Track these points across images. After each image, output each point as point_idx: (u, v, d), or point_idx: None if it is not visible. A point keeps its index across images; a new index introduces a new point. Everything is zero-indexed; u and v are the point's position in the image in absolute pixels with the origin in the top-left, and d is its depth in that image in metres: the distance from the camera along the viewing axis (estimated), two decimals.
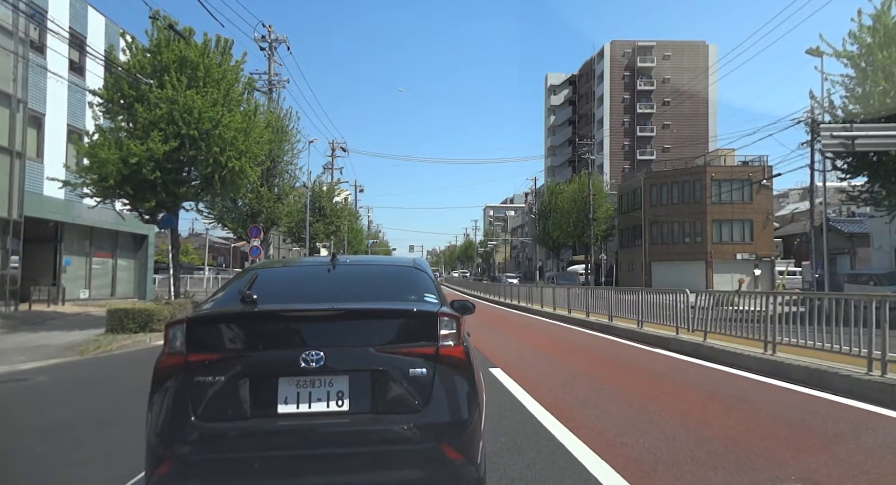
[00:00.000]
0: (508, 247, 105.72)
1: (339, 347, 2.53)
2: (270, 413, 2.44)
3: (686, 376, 7.60)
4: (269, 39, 25.35)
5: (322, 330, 2.61)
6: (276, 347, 2.58)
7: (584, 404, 5.90)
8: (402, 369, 2.51)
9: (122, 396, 6.90)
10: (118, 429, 5.18)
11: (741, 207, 43.59)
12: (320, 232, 36.95)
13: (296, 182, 24.49)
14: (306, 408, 2.45)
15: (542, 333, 14.30)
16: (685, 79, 67.41)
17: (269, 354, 2.56)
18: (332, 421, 2.44)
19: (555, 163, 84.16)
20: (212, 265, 67.19)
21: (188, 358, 2.54)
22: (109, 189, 14.14)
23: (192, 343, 2.57)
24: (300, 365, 2.46)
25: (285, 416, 2.44)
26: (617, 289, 15.62)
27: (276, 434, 2.41)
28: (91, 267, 21.67)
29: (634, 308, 12.60)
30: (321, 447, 2.42)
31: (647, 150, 71.03)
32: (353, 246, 63.88)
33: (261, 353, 2.57)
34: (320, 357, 2.46)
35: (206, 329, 2.68)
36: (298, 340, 2.55)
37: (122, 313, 13.19)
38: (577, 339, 12.57)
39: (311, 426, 2.43)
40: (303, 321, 2.65)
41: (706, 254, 43.63)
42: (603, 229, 50.77)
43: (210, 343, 2.60)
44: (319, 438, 2.43)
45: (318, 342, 2.52)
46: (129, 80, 14.63)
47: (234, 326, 2.66)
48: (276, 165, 23.44)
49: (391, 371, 2.51)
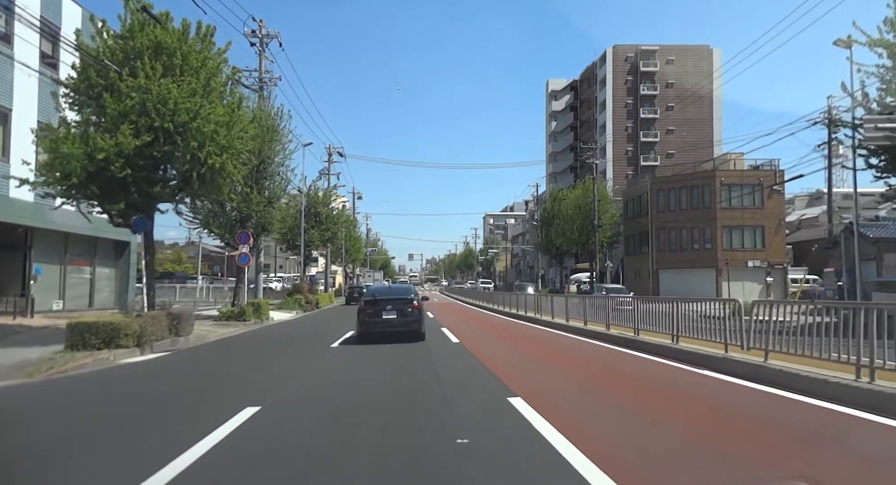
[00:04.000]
0: (509, 255, 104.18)
1: (393, 304, 13.72)
2: (380, 318, 13.55)
3: (780, 415, 5.96)
4: (259, 34, 23.95)
5: (389, 301, 13.84)
6: (380, 306, 13.71)
7: (670, 469, 4.35)
8: (406, 308, 13.66)
9: (61, 434, 5.40)
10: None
11: (752, 213, 42.15)
12: (316, 239, 35.42)
13: (287, 185, 23.03)
14: (387, 317, 13.53)
15: (561, 349, 12.76)
16: (689, 83, 66.21)
17: (379, 306, 13.72)
18: (393, 319, 13.53)
19: (556, 169, 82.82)
20: (206, 274, 65.67)
21: (363, 307, 14.06)
22: (74, 188, 12.63)
23: (364, 303, 14.21)
24: (386, 307, 13.62)
25: (384, 320, 13.53)
26: (643, 298, 14.04)
27: (382, 322, 13.54)
28: (66, 276, 20.13)
29: (666, 321, 11.07)
30: (391, 326, 13.55)
31: (650, 155, 69.70)
32: (351, 254, 62.28)
33: (377, 305, 13.76)
34: (390, 307, 13.63)
35: (365, 301, 14.32)
36: (384, 303, 13.77)
37: (84, 328, 11.62)
38: (605, 358, 11.02)
39: (388, 320, 13.54)
40: (385, 299, 13.95)
41: (716, 261, 42.10)
42: (608, 236, 49.27)
43: (366, 302, 14.16)
44: (390, 323, 13.54)
45: (388, 303, 13.79)
46: (97, 68, 13.16)
47: (370, 300, 14.16)
48: (266, 167, 21.95)
49: (405, 308, 13.64)
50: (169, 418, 6.22)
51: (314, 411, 6.35)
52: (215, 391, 7.79)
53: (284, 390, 7.74)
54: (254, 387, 7.98)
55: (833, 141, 29.32)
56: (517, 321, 21.38)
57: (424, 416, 6.05)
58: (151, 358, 11.85)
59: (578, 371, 9.29)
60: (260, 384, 8.21)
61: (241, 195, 21.41)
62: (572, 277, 61.35)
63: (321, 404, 6.72)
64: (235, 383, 8.51)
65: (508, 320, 22.22)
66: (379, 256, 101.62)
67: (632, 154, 70.37)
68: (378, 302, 13.77)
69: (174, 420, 6.10)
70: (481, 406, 6.54)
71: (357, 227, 65.79)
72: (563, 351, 12.25)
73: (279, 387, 8.02)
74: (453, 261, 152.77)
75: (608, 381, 8.21)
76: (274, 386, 8.06)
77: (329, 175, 44.92)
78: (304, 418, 6.08)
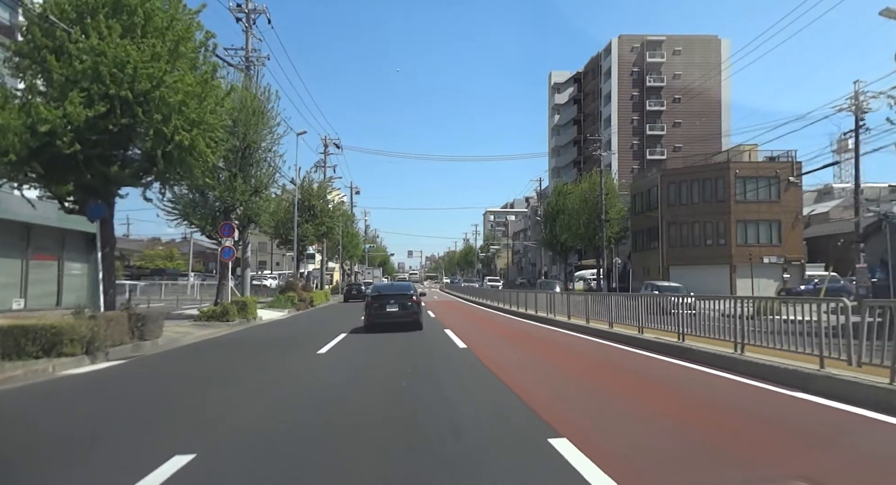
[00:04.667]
0: (510, 252, 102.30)
1: (395, 298, 15.96)
2: (384, 311, 15.64)
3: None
4: (245, 9, 21.96)
5: (392, 296, 16.20)
6: (384, 300, 15.96)
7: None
8: (407, 302, 15.86)
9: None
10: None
11: (768, 207, 40.21)
12: (310, 234, 33.45)
13: (276, 173, 21.03)
14: (391, 310, 15.65)
15: (606, 363, 10.83)
16: (697, 75, 64.21)
17: (383, 300, 15.98)
18: (395, 311, 15.63)
19: (559, 164, 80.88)
20: (199, 271, 63.62)
21: (370, 301, 16.27)
22: (11, 167, 10.68)
23: (371, 298, 16.48)
24: (390, 302, 15.82)
25: (388, 313, 15.63)
26: (690, 296, 11.94)
27: (386, 313, 15.60)
28: (28, 272, 18.15)
29: (721, 326, 9.14)
30: (393, 317, 15.60)
31: (657, 149, 67.73)
32: (349, 251, 60.33)
33: (382, 300, 16.00)
34: (393, 301, 15.85)
35: (371, 296, 16.72)
36: (388, 298, 16.05)
37: (20, 332, 9.70)
38: (656, 372, 9.09)
39: (391, 313, 15.62)
40: (388, 295, 16.33)
41: (730, 257, 40.18)
42: (615, 231, 47.30)
43: (372, 298, 16.41)
44: (393, 314, 15.64)
45: (391, 297, 16.08)
46: (43, 27, 11.20)
47: (376, 295, 16.45)
48: (252, 152, 19.97)
49: (405, 303, 15.84)
50: (46, 476, 4.26)
51: (268, 463, 4.39)
52: (146, 424, 5.78)
53: (240, 422, 5.75)
54: (201, 417, 6.01)
55: (861, 127, 27.54)
56: (534, 323, 19.37)
57: (430, 475, 4.10)
58: (101, 368, 9.91)
59: (637, 395, 7.34)
60: (211, 413, 6.22)
61: (224, 183, 19.45)
62: (577, 275, 59.40)
63: (281, 450, 4.75)
64: (181, 410, 6.44)
65: (524, 323, 20.17)
66: (378, 253, 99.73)
67: (637, 148, 68.38)
68: (383, 297, 16.42)
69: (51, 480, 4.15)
70: (512, 452, 4.60)
71: (355, 222, 63.91)
72: (609, 366, 10.27)
73: (235, 416, 6.05)
74: (453, 258, 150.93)
75: (690, 413, 6.27)
76: (229, 415, 6.07)
77: (325, 167, 43.01)
78: (252, 474, 4.13)
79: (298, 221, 33.24)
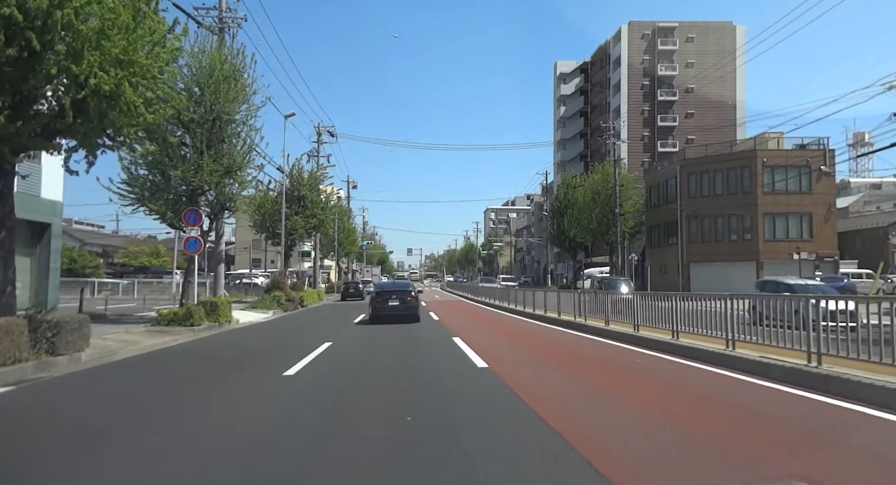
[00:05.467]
0: (513, 249, 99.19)
1: (396, 295, 18.31)
2: (387, 305, 17.89)
3: None
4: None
5: (394, 292, 18.58)
6: (386, 296, 18.27)
7: None
8: (406, 298, 18.12)
9: None
10: None
11: (798, 198, 37.09)
12: (300, 227, 30.27)
13: (252, 151, 17.77)
14: (392, 304, 17.93)
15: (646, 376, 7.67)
16: (711, 63, 61.08)
17: (385, 296, 18.28)
18: (397, 305, 17.90)
19: (565, 158, 77.71)
20: (183, 268, 60.48)
21: (374, 297, 18.70)
22: None
23: (375, 293, 19.50)
24: (392, 297, 18.19)
25: (390, 306, 17.85)
26: (776, 297, 8.63)
27: (388, 307, 17.82)
28: None
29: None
30: (395, 311, 17.83)
31: (668, 141, 64.61)
32: (345, 247, 57.16)
33: (385, 295, 18.37)
34: (394, 296, 18.21)
35: (376, 292, 19.40)
36: (390, 294, 18.41)
37: None
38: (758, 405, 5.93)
39: (393, 306, 17.87)
40: (390, 291, 18.74)
41: (757, 253, 37.06)
42: (630, 226, 44.15)
43: (377, 293, 18.89)
44: (394, 310, 17.83)
45: (393, 293, 18.48)
46: None
47: (380, 292, 18.92)
48: (222, 126, 16.78)
49: (405, 298, 18.10)
50: None
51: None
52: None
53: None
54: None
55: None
56: (589, 336, 16.12)
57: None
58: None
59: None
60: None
61: (189, 162, 16.27)
62: (585, 272, 56.18)
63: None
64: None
65: (568, 334, 16.86)
66: (376, 251, 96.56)
67: (648, 139, 65.20)
68: (386, 293, 18.72)
69: None
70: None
71: (352, 218, 60.73)
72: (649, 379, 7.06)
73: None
74: (453, 256, 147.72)
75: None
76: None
77: (318, 157, 39.84)
78: None
79: (287, 213, 30.09)
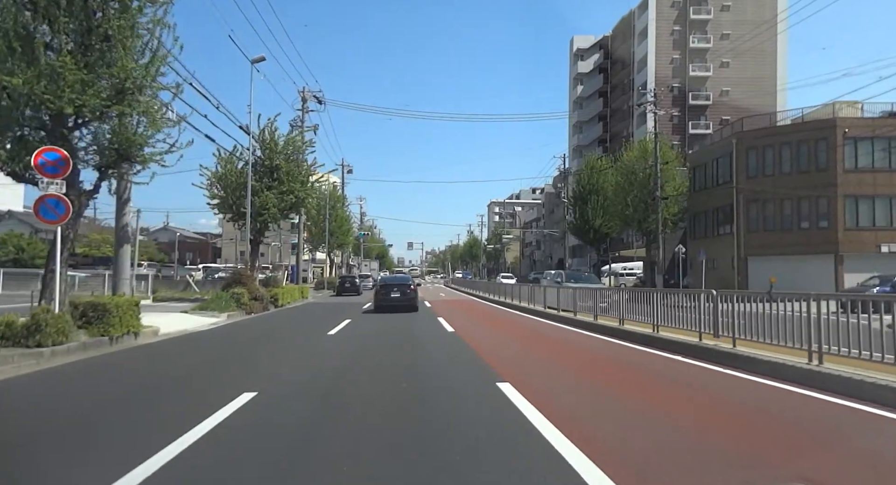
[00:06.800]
0: (521, 243, 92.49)
1: (397, 287, 21.67)
2: (389, 296, 21.14)
3: None
4: None
5: (395, 285, 22.05)
6: (389, 288, 21.69)
7: None
8: (406, 290, 21.50)
9: None
10: None
11: (888, 178, 30.28)
12: (271, 205, 23.51)
13: (162, 63, 10.95)
14: (394, 295, 21.14)
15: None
16: (748, 34, 54.21)
17: (388, 288, 21.69)
18: (398, 296, 21.12)
19: (582, 142, 70.90)
20: (160, 261, 53.89)
21: (378, 290, 22.18)
22: None
23: (378, 285, 23.47)
24: (393, 289, 21.48)
25: (392, 298, 21.06)
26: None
27: (390, 298, 21.07)
28: None
29: None
30: (396, 302, 20.93)
31: (700, 122, 57.78)
32: (338, 237, 50.47)
33: (388, 288, 21.71)
34: (396, 289, 21.51)
35: (380, 285, 22.91)
36: (392, 286, 22.00)
37: None
38: None
39: (393, 298, 21.05)
40: (392, 284, 22.29)
41: (835, 243, 30.32)
42: (673, 213, 37.44)
43: (380, 286, 22.41)
44: (396, 300, 20.98)
45: (395, 286, 21.87)
46: None
47: (383, 285, 22.41)
48: (109, 18, 9.98)
49: (405, 290, 21.46)
50: None
51: None
52: None
53: None
54: None
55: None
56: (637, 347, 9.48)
57: None
58: None
59: None
60: None
61: (42, 68, 9.47)
62: (603, 269, 49.39)
63: None
64: None
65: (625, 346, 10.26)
66: (375, 244, 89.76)
67: (678, 121, 58.38)
68: (388, 286, 21.90)
69: None
70: None
71: (346, 205, 54.06)
72: None
73: None
74: (456, 252, 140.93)
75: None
76: None
77: (302, 128, 33.10)
78: None
79: (257, 187, 23.37)
